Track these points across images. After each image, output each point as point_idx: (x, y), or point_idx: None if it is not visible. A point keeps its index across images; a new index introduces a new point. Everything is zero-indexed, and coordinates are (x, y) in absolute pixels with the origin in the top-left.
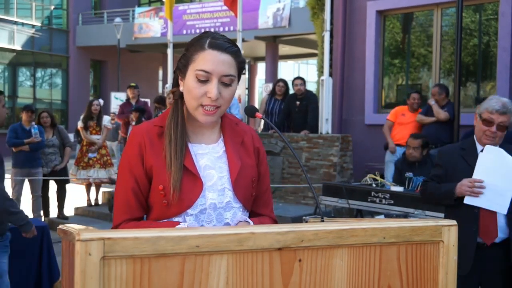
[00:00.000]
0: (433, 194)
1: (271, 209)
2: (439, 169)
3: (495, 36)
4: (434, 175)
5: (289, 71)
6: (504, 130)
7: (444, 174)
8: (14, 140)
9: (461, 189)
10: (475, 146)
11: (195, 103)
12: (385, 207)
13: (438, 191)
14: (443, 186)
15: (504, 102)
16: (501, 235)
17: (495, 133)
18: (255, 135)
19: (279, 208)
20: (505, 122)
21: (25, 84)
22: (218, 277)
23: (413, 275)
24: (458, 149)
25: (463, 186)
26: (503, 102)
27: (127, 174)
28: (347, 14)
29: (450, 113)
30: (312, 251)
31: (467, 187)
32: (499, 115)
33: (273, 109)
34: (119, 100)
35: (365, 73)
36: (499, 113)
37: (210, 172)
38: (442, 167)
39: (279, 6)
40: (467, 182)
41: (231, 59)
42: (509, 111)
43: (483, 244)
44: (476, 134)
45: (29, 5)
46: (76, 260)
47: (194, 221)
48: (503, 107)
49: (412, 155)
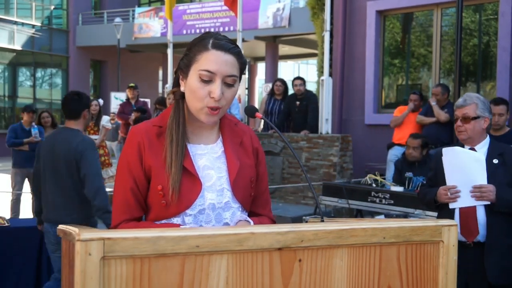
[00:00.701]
0: (422, 200)
1: (269, 209)
2: (431, 171)
3: (495, 36)
4: (428, 178)
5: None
6: (469, 122)
7: (434, 176)
8: (13, 140)
9: (440, 198)
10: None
11: (199, 104)
12: (385, 207)
13: (425, 198)
14: (428, 193)
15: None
16: (483, 231)
17: (461, 127)
18: (253, 136)
19: (279, 208)
20: (467, 113)
21: (25, 84)
22: (218, 277)
23: (413, 275)
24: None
25: (441, 195)
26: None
27: (126, 174)
28: (347, 14)
29: (450, 114)
30: (312, 251)
31: (443, 195)
32: (460, 109)
33: (273, 109)
34: (119, 100)
35: (365, 73)
36: (459, 107)
37: (209, 172)
38: (433, 169)
39: (279, 6)
40: (442, 190)
41: (234, 60)
42: (469, 100)
43: (466, 242)
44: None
45: (29, 5)
46: (76, 260)
47: (193, 221)
48: (463, 101)
49: (411, 155)
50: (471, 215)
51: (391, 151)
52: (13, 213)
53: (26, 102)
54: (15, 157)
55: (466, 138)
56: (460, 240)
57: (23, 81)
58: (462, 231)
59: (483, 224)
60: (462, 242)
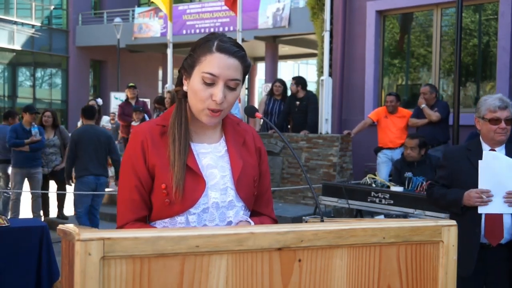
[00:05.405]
0: (438, 200)
1: (271, 209)
2: (444, 170)
3: (495, 36)
4: (439, 176)
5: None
6: (510, 123)
7: (449, 175)
8: (14, 140)
9: (469, 200)
10: (480, 146)
11: (200, 106)
12: (385, 207)
13: (444, 199)
14: (448, 194)
15: (500, 98)
16: (508, 236)
17: (505, 129)
18: (256, 135)
19: (279, 208)
20: (509, 116)
21: (25, 84)
22: (218, 277)
23: (412, 275)
24: (464, 149)
25: (471, 198)
26: (500, 98)
27: (130, 172)
28: (347, 14)
29: (441, 112)
30: (312, 251)
31: (475, 198)
32: (502, 111)
33: (273, 110)
34: (118, 100)
35: (365, 73)
36: (501, 109)
37: (212, 171)
38: (447, 168)
39: (279, 6)
40: (474, 193)
41: (238, 64)
42: (508, 104)
43: (488, 245)
44: (485, 136)
45: (29, 5)
46: (76, 260)
47: (196, 220)
48: (502, 102)
49: (409, 155)
50: (498, 219)
51: (379, 154)
52: (13, 213)
53: (26, 102)
54: (15, 157)
55: (505, 139)
56: (482, 243)
57: (23, 81)
58: (486, 234)
59: (508, 228)
60: (483, 244)
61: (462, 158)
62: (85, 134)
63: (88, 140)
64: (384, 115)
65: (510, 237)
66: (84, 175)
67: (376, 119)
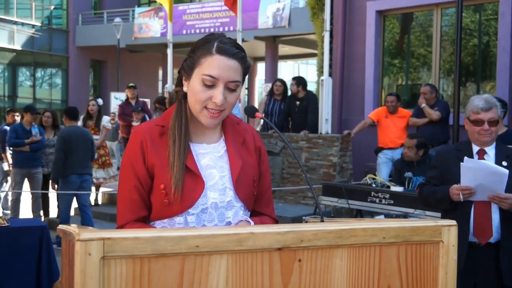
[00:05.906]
0: (428, 199)
1: (272, 209)
2: (435, 170)
3: (495, 36)
4: (430, 176)
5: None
6: (495, 125)
7: (440, 175)
8: (14, 140)
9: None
10: (470, 147)
11: (199, 106)
12: (385, 207)
13: (433, 197)
14: (438, 192)
15: (485, 98)
16: (496, 235)
17: (488, 130)
18: (256, 135)
19: (279, 208)
20: (493, 117)
21: (25, 84)
22: (218, 277)
23: (412, 275)
24: (454, 149)
25: (453, 194)
26: (485, 99)
27: (130, 172)
28: (347, 14)
29: (441, 111)
30: (312, 251)
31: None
32: (486, 112)
33: (273, 110)
34: (119, 100)
35: (365, 73)
36: (484, 110)
37: (211, 171)
38: (438, 168)
39: (279, 6)
40: (455, 190)
41: (237, 65)
42: (493, 105)
43: (478, 244)
44: (470, 137)
45: (29, 5)
46: (76, 260)
47: (195, 220)
48: (486, 104)
49: (406, 154)
50: (487, 217)
51: (380, 155)
52: (13, 213)
53: (26, 102)
54: (15, 157)
55: (490, 140)
56: (471, 241)
57: (23, 81)
58: (475, 232)
59: (497, 226)
60: (472, 243)
61: (452, 159)
62: (74, 135)
63: (77, 140)
64: (385, 115)
65: (498, 236)
66: (69, 174)
67: (376, 119)
